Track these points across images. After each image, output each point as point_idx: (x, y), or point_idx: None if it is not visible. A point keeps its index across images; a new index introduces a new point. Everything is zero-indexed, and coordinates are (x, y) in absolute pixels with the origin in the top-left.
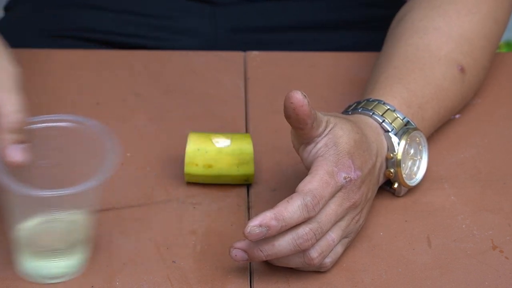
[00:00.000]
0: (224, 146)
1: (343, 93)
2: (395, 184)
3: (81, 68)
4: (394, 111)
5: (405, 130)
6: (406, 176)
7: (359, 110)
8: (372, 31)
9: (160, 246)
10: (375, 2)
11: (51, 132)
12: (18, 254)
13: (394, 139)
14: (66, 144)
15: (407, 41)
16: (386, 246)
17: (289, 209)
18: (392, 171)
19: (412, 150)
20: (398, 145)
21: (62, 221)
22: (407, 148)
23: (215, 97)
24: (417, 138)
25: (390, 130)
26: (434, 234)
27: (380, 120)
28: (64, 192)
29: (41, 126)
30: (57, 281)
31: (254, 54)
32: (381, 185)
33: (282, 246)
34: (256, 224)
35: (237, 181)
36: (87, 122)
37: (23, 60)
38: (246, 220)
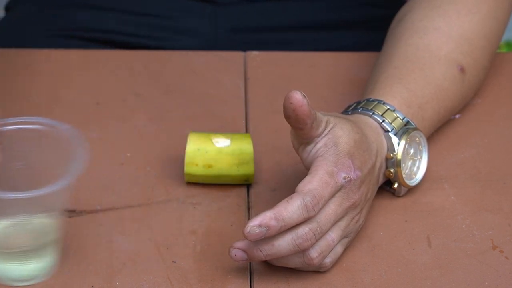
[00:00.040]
0: (224, 146)
1: (343, 93)
2: (395, 184)
3: (81, 68)
4: (394, 111)
5: (405, 130)
6: (406, 176)
7: (359, 110)
8: (372, 31)
9: (160, 246)
10: (375, 2)
11: (22, 134)
12: None
13: (394, 139)
14: (36, 147)
15: (407, 41)
16: (386, 246)
17: (288, 209)
18: (392, 171)
19: (412, 150)
20: (398, 145)
21: (30, 223)
22: (407, 148)
23: (215, 97)
24: (417, 138)
25: (390, 130)
26: (434, 234)
27: (380, 120)
28: (29, 194)
29: (11, 128)
30: (26, 283)
31: (254, 54)
32: (381, 185)
33: (281, 246)
34: (255, 224)
35: (237, 181)
36: (59, 126)
37: (23, 60)
38: (246, 220)
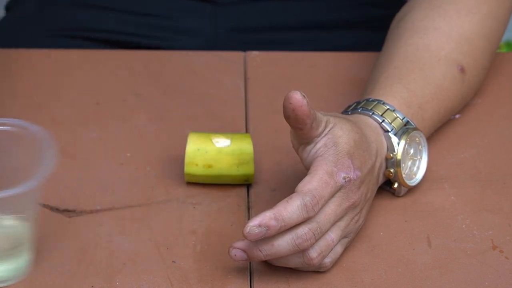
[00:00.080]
0: (224, 146)
1: (343, 93)
2: (395, 184)
3: (81, 68)
4: (393, 111)
5: (404, 130)
6: (406, 176)
7: (359, 110)
8: (372, 31)
9: (160, 246)
10: (375, 2)
11: None
12: None
13: (393, 139)
14: (7, 148)
15: (407, 41)
16: (386, 246)
17: (288, 209)
18: (392, 171)
19: (411, 150)
20: (397, 145)
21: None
22: (407, 148)
23: (215, 97)
24: (416, 138)
25: (389, 130)
26: (434, 234)
27: (379, 120)
28: None
29: None
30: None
31: (254, 54)
32: (381, 185)
33: (281, 246)
34: (255, 224)
35: (237, 181)
36: (30, 127)
37: (24, 60)
38: (246, 220)
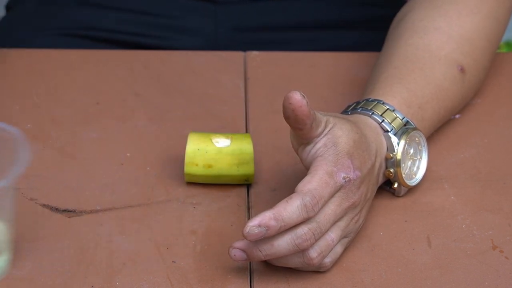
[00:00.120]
0: (224, 146)
1: (343, 93)
2: (395, 184)
3: (81, 68)
4: (393, 111)
5: (404, 130)
6: (405, 176)
7: (359, 110)
8: (372, 31)
9: (160, 246)
10: (375, 2)
11: None
12: None
13: (393, 139)
14: None
15: (407, 41)
16: (386, 246)
17: (288, 209)
18: (391, 171)
19: (411, 150)
20: (397, 145)
21: None
22: (407, 148)
23: (215, 97)
24: (416, 138)
25: (389, 130)
26: (434, 234)
27: (379, 120)
28: None
29: None
30: None
31: (254, 54)
32: (381, 185)
33: (281, 246)
34: (255, 224)
35: (237, 181)
36: (6, 128)
37: (23, 60)
38: (246, 220)
